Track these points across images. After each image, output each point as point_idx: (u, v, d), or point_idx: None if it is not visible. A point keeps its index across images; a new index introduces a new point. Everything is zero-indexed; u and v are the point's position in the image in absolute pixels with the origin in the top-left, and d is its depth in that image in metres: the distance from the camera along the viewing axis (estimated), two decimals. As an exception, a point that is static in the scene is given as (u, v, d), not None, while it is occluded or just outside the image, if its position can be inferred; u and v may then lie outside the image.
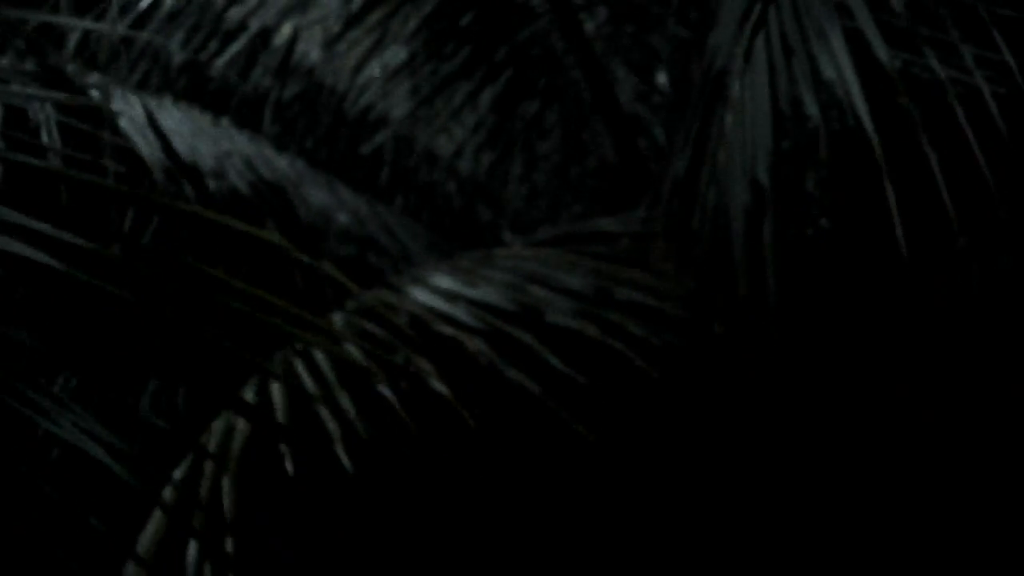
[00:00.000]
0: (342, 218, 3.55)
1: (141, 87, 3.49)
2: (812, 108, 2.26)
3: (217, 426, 2.58)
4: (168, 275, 2.09)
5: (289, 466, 2.21)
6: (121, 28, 3.40)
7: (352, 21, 3.62)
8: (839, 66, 2.26)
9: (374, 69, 3.85)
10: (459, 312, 2.55)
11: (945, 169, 3.31)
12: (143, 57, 3.52)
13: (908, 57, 2.90)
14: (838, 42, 2.28)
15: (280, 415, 2.44)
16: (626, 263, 3.07)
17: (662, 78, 3.96)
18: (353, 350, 2.39)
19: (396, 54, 3.82)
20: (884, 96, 3.11)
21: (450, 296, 2.62)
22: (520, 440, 2.85)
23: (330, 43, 3.73)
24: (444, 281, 2.70)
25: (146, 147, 3.12)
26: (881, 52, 2.29)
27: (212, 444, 2.45)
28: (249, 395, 2.72)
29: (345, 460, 2.25)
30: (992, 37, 3.00)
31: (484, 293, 2.62)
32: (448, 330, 2.48)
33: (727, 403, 3.00)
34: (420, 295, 2.65)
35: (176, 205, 2.35)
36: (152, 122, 3.22)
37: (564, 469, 2.91)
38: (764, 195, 2.23)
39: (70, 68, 3.19)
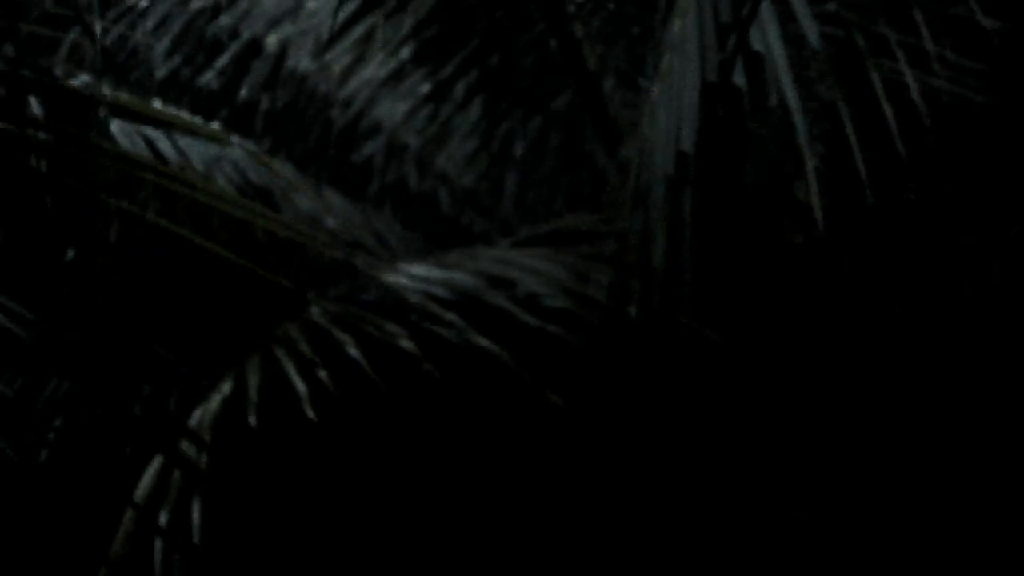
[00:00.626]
0: (331, 223, 3.57)
1: (133, 92, 3.53)
2: (740, 79, 2.27)
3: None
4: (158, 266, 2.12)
5: (252, 420, 2.22)
6: (112, 33, 3.44)
7: (342, 29, 3.65)
8: (767, 41, 2.28)
9: (364, 76, 3.88)
10: (432, 289, 2.56)
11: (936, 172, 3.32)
12: (133, 62, 3.55)
13: (893, 65, 2.92)
14: (768, 16, 2.29)
15: (252, 394, 2.46)
16: (607, 261, 3.08)
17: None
18: (324, 322, 2.40)
19: (386, 62, 3.84)
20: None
21: (424, 280, 2.64)
22: (491, 415, 2.85)
23: (320, 51, 3.75)
24: (420, 269, 2.72)
25: (133, 150, 3.15)
26: (812, 34, 2.30)
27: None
28: (227, 385, 2.75)
29: (310, 413, 2.26)
30: (981, 47, 3.02)
31: (459, 279, 2.64)
32: (418, 299, 2.49)
33: (696, 385, 3.00)
34: (395, 278, 2.66)
35: (172, 172, 2.36)
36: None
37: (532, 443, 2.91)
38: (687, 164, 2.23)
39: (60, 70, 3.23)
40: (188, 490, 2.54)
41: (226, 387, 2.68)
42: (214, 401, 2.55)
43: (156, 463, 2.60)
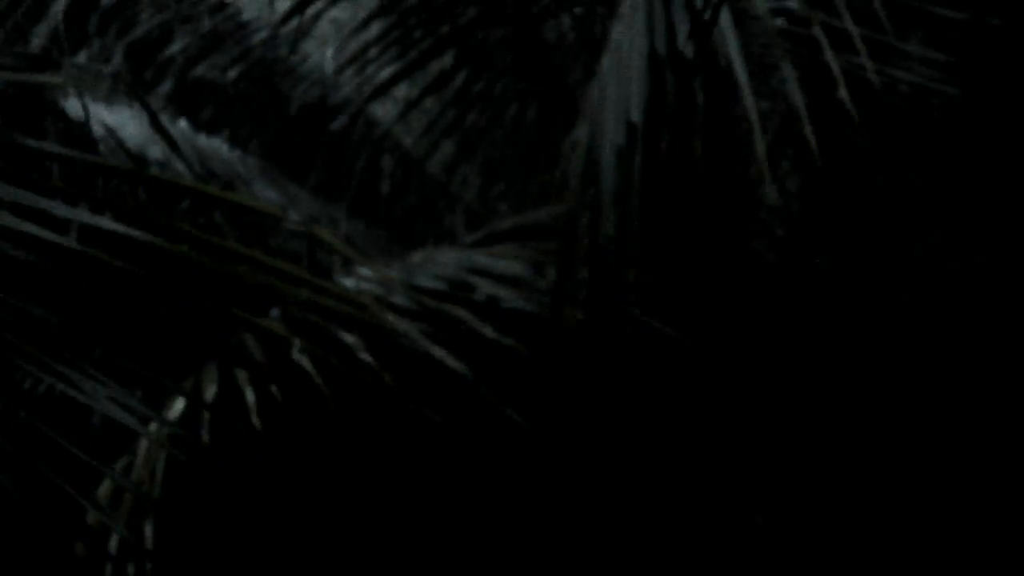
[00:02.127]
0: (293, 217, 3.51)
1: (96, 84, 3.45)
2: (687, 49, 2.24)
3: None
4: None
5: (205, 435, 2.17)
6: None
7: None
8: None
9: (330, 66, 3.81)
10: (391, 295, 2.51)
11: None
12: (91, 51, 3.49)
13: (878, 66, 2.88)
14: None
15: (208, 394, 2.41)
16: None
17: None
18: (279, 328, 2.34)
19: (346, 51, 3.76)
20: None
21: (383, 283, 2.58)
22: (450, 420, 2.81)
23: (295, 43, 3.69)
24: (379, 272, 2.66)
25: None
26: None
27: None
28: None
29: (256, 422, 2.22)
30: (949, 42, 2.98)
31: (419, 279, 2.59)
32: (374, 306, 2.44)
33: (660, 384, 2.98)
34: (352, 283, 2.61)
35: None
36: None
37: (492, 449, 2.88)
38: (636, 133, 2.20)
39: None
40: (143, 500, 2.49)
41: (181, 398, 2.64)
42: (170, 411, 2.50)
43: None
